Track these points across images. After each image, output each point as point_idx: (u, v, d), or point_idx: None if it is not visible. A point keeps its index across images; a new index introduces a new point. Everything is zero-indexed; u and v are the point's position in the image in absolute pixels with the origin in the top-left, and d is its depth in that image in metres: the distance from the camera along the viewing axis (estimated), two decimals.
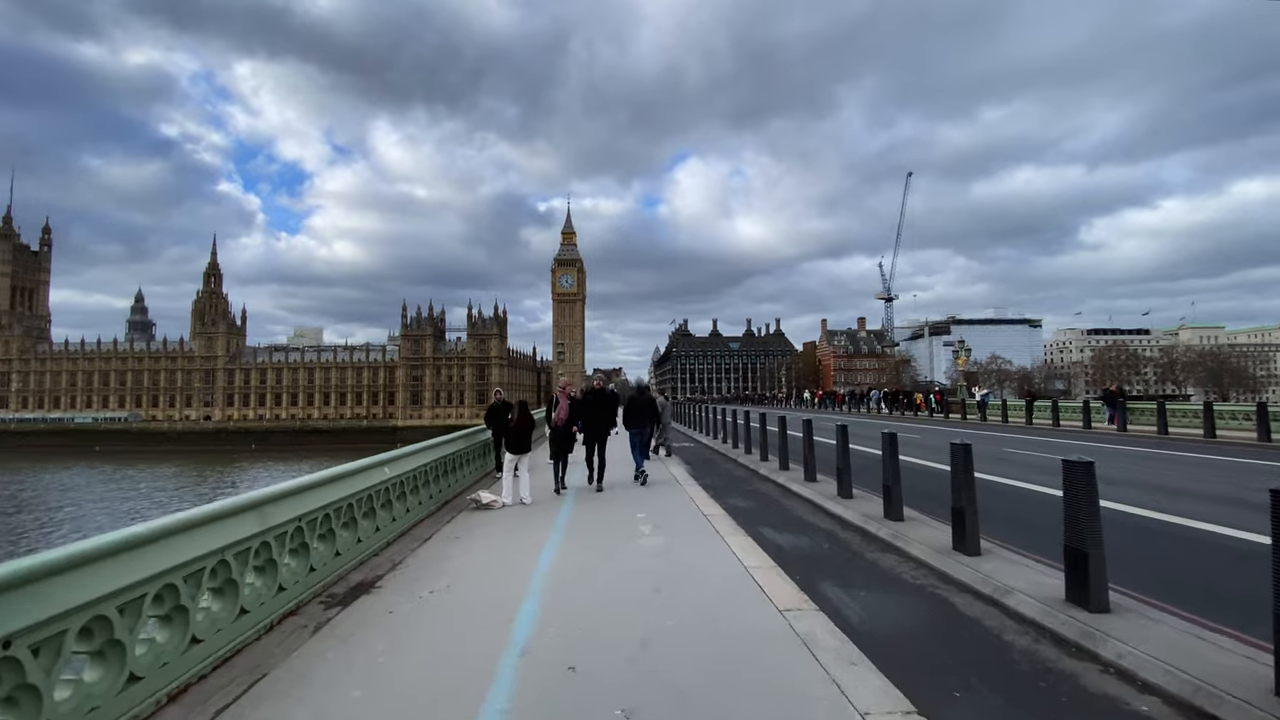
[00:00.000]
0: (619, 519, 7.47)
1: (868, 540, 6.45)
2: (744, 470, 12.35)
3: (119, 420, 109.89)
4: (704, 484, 10.59)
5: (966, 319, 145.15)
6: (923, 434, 20.63)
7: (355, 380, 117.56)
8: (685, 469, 12.59)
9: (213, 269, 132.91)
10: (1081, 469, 4.23)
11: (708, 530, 6.66)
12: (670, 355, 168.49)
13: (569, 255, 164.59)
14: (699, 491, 9.45)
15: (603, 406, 9.79)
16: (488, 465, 12.59)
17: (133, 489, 54.15)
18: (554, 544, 6.25)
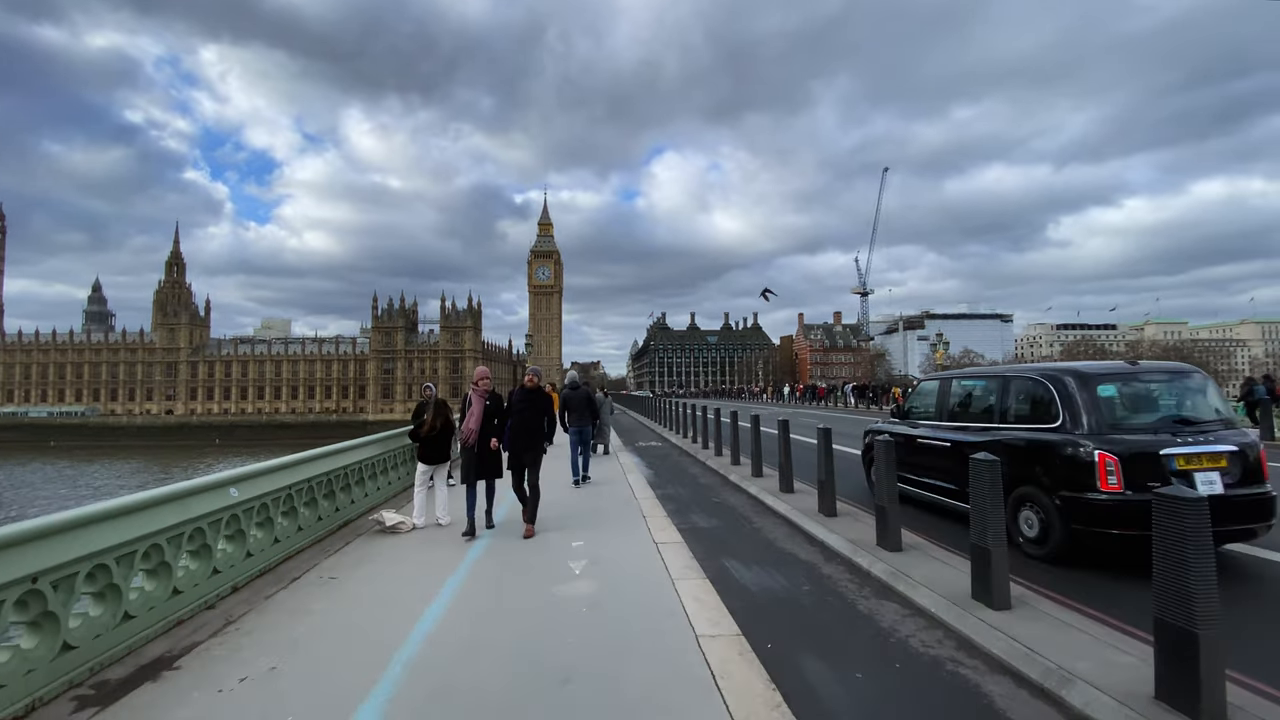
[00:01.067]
0: (549, 548, 6.00)
1: (859, 580, 5.04)
2: (712, 476, 11.05)
3: (76, 414, 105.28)
4: (663, 494, 9.30)
5: (940, 314, 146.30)
6: None
7: (325, 373, 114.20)
8: (645, 474, 11.40)
9: (175, 258, 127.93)
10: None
11: (657, 569, 5.21)
12: (648, 349, 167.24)
13: (546, 247, 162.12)
14: (655, 507, 8.13)
15: (536, 413, 6.83)
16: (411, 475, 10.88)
17: (86, 486, 51.26)
18: (451, 591, 4.73)
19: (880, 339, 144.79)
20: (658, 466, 12.73)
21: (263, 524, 5.54)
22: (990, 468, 4.12)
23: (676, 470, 12.10)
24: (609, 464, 12.74)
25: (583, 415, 10.51)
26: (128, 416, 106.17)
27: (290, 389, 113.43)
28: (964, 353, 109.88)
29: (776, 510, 7.60)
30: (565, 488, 9.95)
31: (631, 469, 11.86)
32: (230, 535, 5.07)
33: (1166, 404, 5.34)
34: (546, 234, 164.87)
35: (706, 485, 10.12)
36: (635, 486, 9.72)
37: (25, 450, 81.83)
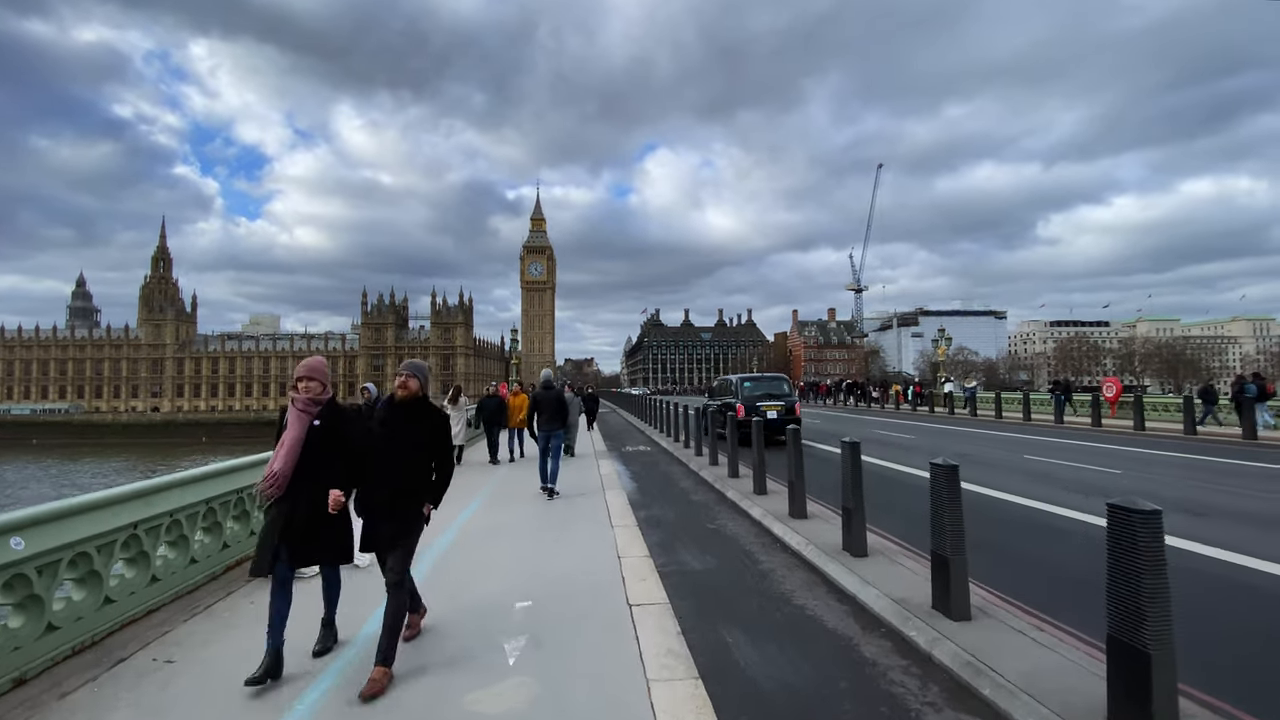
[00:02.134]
0: (485, 611, 4.43)
1: (922, 672, 3.56)
2: (707, 491, 9.59)
3: (59, 411, 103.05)
4: (647, 517, 7.87)
5: (934, 310, 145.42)
6: (917, 434, 18.03)
7: None
8: (627, 488, 10.02)
9: (162, 253, 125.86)
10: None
11: (629, 655, 3.65)
12: (642, 345, 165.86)
13: (538, 242, 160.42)
14: (635, 539, 6.62)
15: (413, 447, 3.77)
16: None
17: (72, 484, 49.47)
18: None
19: (874, 336, 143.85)
20: (643, 478, 11.29)
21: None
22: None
23: (665, 484, 10.59)
24: (586, 471, 11.44)
25: (553, 419, 9.45)
26: (113, 414, 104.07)
27: (278, 385, 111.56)
28: (958, 350, 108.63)
29: (789, 545, 6.07)
30: (531, 498, 9.00)
31: (612, 481, 10.42)
32: None
33: (764, 388, 15.78)
34: (539, 229, 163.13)
35: (700, 504, 8.69)
36: (613, 506, 8.30)
37: (7, 449, 79.78)
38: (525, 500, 8.86)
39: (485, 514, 7.96)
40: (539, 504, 8.64)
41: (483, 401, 13.85)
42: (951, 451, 13.12)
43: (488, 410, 13.49)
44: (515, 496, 9.23)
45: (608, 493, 9.29)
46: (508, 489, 9.86)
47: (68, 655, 3.83)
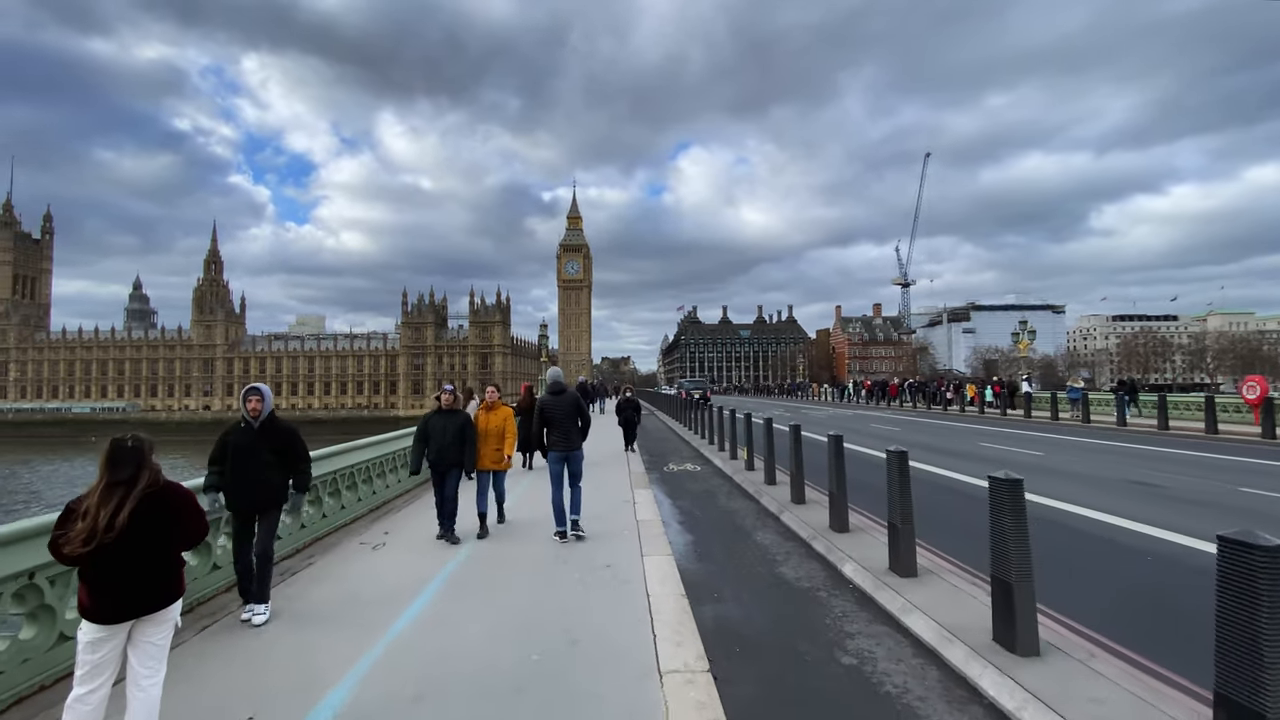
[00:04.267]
0: None
1: None
2: (809, 560, 6.13)
3: (117, 410, 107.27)
4: (717, 621, 4.74)
5: (987, 305, 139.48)
6: (1047, 448, 14.43)
7: (357, 369, 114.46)
8: (677, 547, 6.77)
9: (213, 256, 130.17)
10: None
11: None
12: (679, 343, 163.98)
13: (575, 240, 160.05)
14: (692, 654, 3.98)
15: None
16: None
17: None
18: None
19: (923, 332, 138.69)
20: (699, 527, 7.78)
21: None
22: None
23: (732, 539, 7.07)
24: (615, 508, 8.37)
25: (570, 433, 6.88)
26: (166, 412, 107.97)
27: (323, 384, 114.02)
28: (1013, 346, 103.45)
29: (985, 694, 3.37)
30: (542, 547, 6.56)
31: (654, 533, 7.03)
32: None
33: (694, 386, 48.17)
34: (575, 228, 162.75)
35: (806, 594, 5.23)
36: (654, 583, 5.25)
37: (67, 446, 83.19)
38: (531, 561, 6.15)
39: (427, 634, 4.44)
40: (556, 548, 6.51)
41: (427, 420, 7.13)
42: (1128, 478, 9.92)
43: (435, 436, 6.98)
44: (524, 535, 7.09)
45: (647, 558, 6.02)
46: (513, 530, 7.41)
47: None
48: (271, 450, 4.69)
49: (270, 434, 4.72)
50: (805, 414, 28.67)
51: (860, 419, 25.12)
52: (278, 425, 4.80)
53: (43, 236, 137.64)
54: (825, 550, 6.27)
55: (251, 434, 4.69)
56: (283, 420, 4.88)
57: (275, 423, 4.80)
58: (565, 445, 6.89)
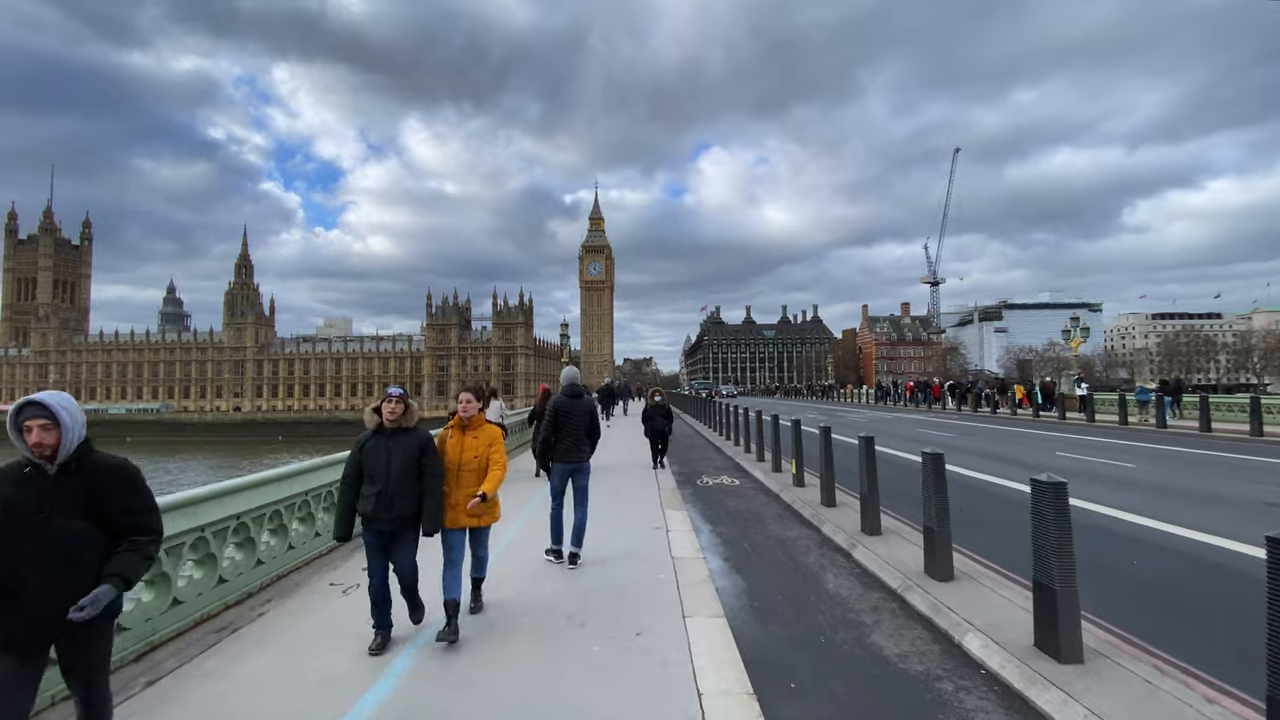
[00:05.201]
0: None
1: None
2: (912, 624, 4.59)
3: (151, 411, 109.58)
4: (788, 702, 3.52)
5: (1020, 303, 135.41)
6: (1135, 459, 12.72)
7: (382, 370, 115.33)
8: (726, 595, 5.23)
9: (244, 261, 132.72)
10: None
11: None
12: (701, 344, 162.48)
13: (597, 241, 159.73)
14: None
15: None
16: None
17: (174, 484, 51.55)
18: None
19: (953, 331, 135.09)
20: (751, 566, 6.14)
21: None
22: None
23: (798, 585, 5.47)
24: (646, 532, 7.07)
25: (580, 443, 6.11)
26: (199, 413, 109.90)
27: (350, 386, 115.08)
28: (1048, 345, 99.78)
29: None
30: (535, 572, 5.64)
31: (696, 577, 5.51)
32: None
33: (724, 389, 68.08)
34: (598, 228, 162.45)
35: (921, 685, 3.68)
36: (705, 666, 3.81)
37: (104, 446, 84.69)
38: (521, 584, 5.29)
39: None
40: (553, 581, 5.39)
41: (361, 447, 4.24)
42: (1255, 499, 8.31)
43: (373, 472, 4.16)
44: (518, 561, 5.95)
45: (693, 618, 4.53)
46: (507, 552, 6.24)
47: None
48: (81, 512, 2.47)
49: (78, 483, 2.48)
50: (843, 418, 27.30)
51: (902, 423, 23.66)
52: (97, 465, 2.55)
53: (82, 243, 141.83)
54: (931, 610, 4.56)
55: (40, 487, 2.43)
56: (105, 456, 2.63)
57: (90, 462, 2.54)
58: (575, 456, 6.08)
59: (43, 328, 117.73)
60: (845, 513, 7.61)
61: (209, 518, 4.74)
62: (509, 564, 5.90)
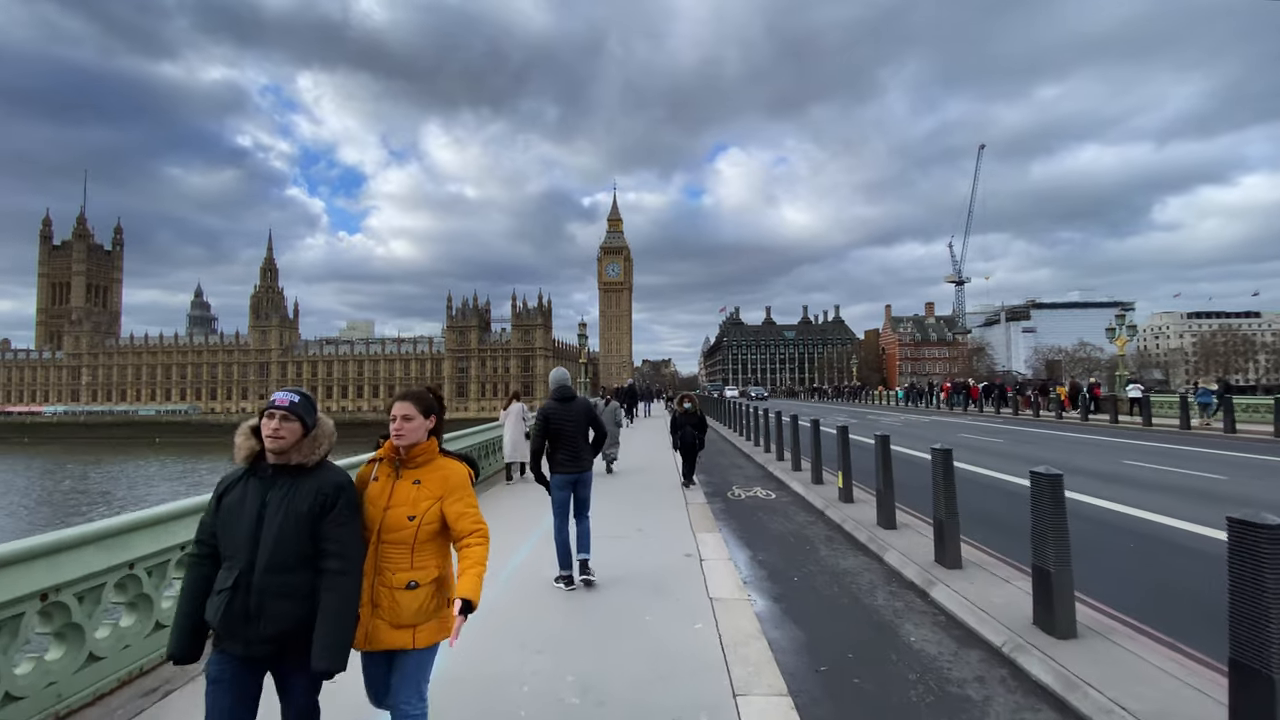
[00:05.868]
0: None
1: None
2: (995, 674, 3.73)
3: (179, 412, 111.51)
4: None
5: (1048, 303, 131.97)
6: (1222, 469, 11.53)
7: (404, 372, 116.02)
8: (783, 654, 4.06)
9: (269, 265, 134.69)
10: None
11: None
12: (721, 345, 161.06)
13: (615, 243, 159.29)
14: None
15: None
16: None
17: (199, 481, 51.94)
18: None
19: (979, 332, 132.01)
20: (807, 610, 5.02)
21: None
22: None
23: (872, 640, 4.38)
24: (680, 575, 5.67)
25: (580, 451, 5.54)
26: (225, 414, 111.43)
27: (371, 387, 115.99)
28: (1078, 345, 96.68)
29: None
30: (543, 602, 4.96)
31: (742, 627, 4.45)
32: None
33: (754, 391, 72.47)
34: (616, 230, 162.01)
35: None
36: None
37: (134, 447, 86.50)
38: (526, 614, 4.66)
39: None
40: (563, 604, 4.88)
41: (222, 492, 2.28)
42: None
43: (231, 544, 2.20)
44: (522, 587, 5.33)
45: (747, 696, 3.40)
46: (504, 575, 5.62)
47: None
48: None
49: None
50: (876, 421, 26.14)
51: (942, 428, 22.43)
52: None
53: (113, 248, 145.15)
54: (1062, 686, 3.39)
55: None
56: None
57: None
58: (575, 466, 5.53)
59: (76, 331, 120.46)
60: (910, 538, 6.60)
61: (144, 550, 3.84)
62: (512, 593, 5.15)
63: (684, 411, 11.41)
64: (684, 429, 11.12)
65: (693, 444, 10.99)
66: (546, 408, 5.56)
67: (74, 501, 41.76)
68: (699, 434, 11.12)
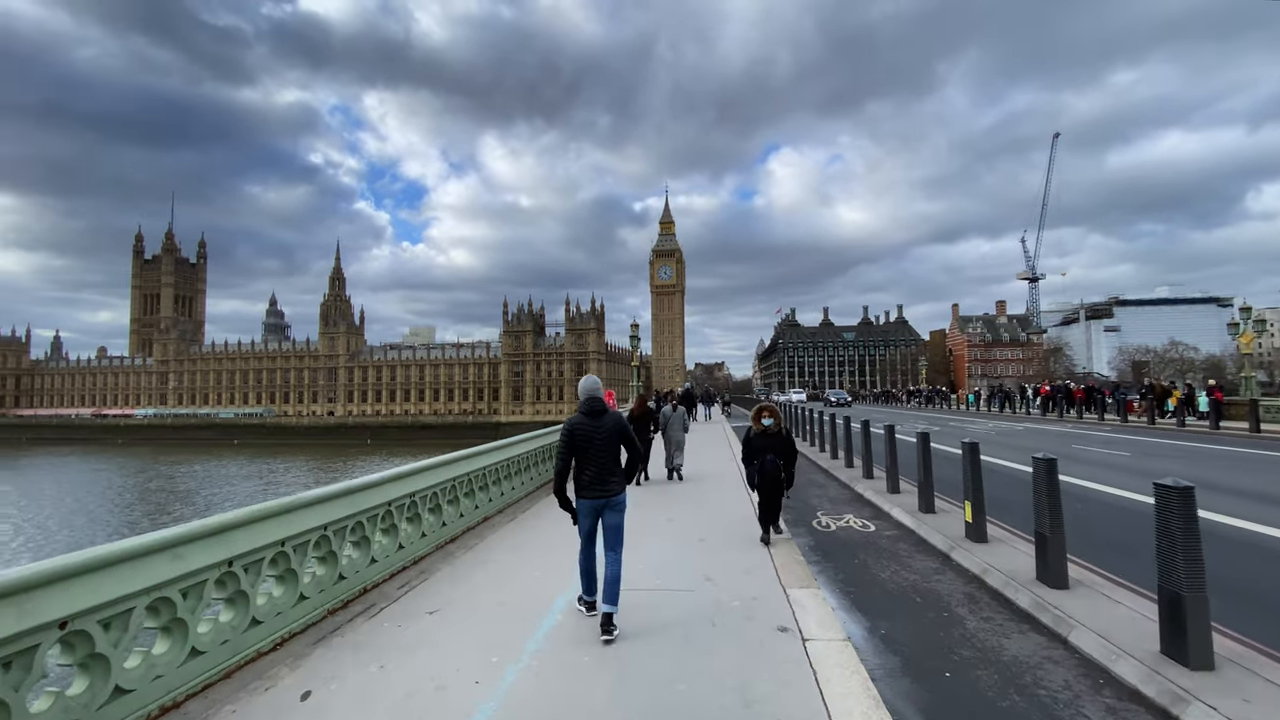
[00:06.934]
0: None
1: None
2: None
3: (256, 415, 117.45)
4: None
5: (1134, 299, 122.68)
6: None
7: (462, 376, 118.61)
8: None
9: (337, 274, 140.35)
10: None
11: None
12: (776, 347, 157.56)
13: (667, 245, 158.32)
14: None
15: None
16: None
17: (278, 481, 54.21)
18: None
19: (1055, 331, 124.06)
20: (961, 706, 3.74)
21: None
22: None
23: None
24: (775, 674, 3.81)
25: (609, 473, 4.79)
26: (296, 417, 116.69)
27: (432, 391, 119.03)
28: (1169, 344, 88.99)
29: None
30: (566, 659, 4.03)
31: None
32: None
33: (833, 395, 59.29)
34: (668, 232, 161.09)
35: None
36: None
37: (216, 448, 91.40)
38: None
39: None
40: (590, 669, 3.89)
41: None
42: None
43: None
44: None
45: None
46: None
47: None
48: None
49: None
50: (960, 429, 24.12)
51: (1047, 437, 20.33)
52: None
53: (198, 261, 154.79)
54: None
55: None
56: None
57: None
58: (600, 490, 4.74)
59: (164, 339, 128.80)
60: (1097, 605, 4.80)
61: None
62: (533, 683, 3.80)
63: (762, 431, 7.46)
64: (764, 457, 7.32)
65: (776, 479, 7.24)
66: (572, 422, 4.84)
67: (160, 500, 44.08)
68: (786, 465, 7.34)
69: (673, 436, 12.56)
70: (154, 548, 3.51)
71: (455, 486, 7.70)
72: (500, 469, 9.40)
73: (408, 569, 6.16)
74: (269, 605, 4.40)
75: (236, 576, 4.13)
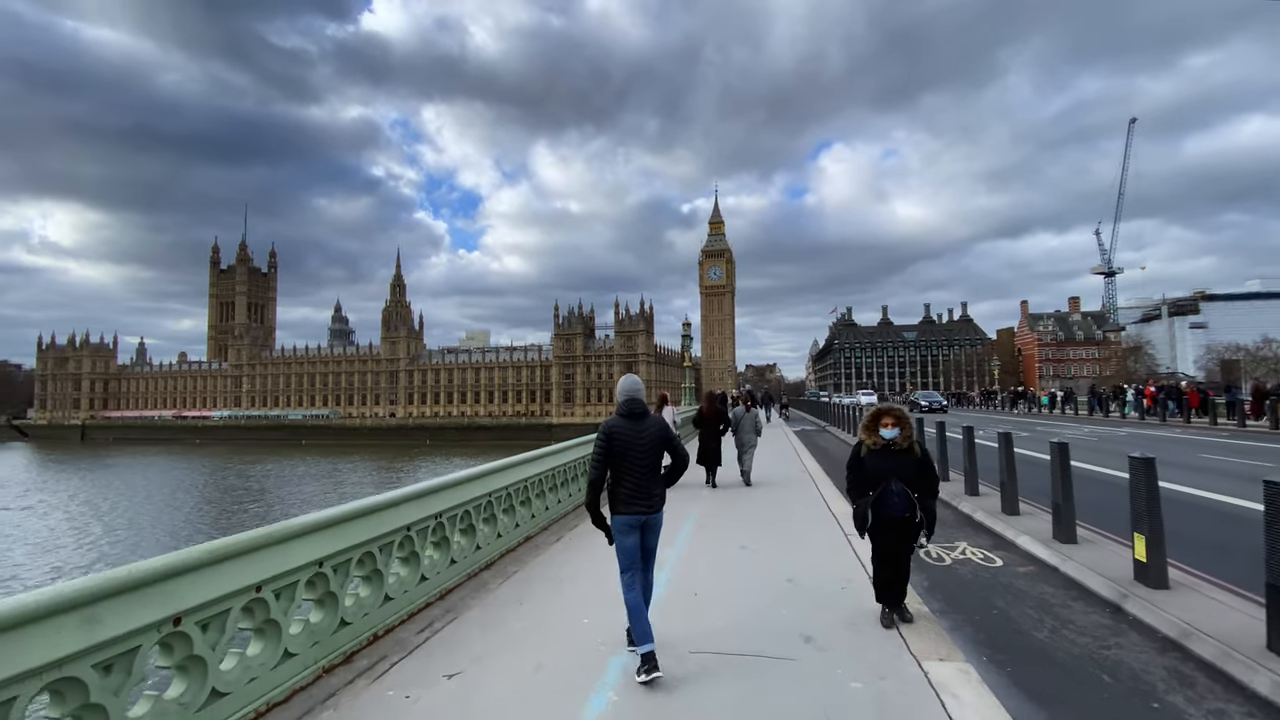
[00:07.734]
0: None
1: None
2: None
3: (321, 416, 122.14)
4: None
5: (1221, 294, 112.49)
6: None
7: (515, 379, 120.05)
8: None
9: (397, 281, 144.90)
10: None
11: None
12: (831, 348, 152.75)
13: (717, 246, 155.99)
14: None
15: None
16: None
17: (342, 480, 55.67)
18: None
19: (1134, 329, 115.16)
20: None
21: None
22: None
23: None
24: None
25: (646, 483, 4.11)
26: (360, 419, 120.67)
27: (487, 393, 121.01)
28: (1263, 341, 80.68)
29: None
30: None
31: None
32: None
33: (923, 398, 46.91)
34: (718, 233, 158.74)
35: None
36: None
37: (285, 448, 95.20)
38: None
39: None
40: None
41: None
42: None
43: None
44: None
45: None
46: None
47: None
48: None
49: None
50: (1048, 433, 21.76)
51: (1161, 444, 17.81)
52: None
53: (269, 270, 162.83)
54: None
55: None
56: None
57: None
58: (643, 504, 4.11)
59: (238, 345, 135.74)
60: None
61: None
62: None
63: (883, 447, 4.80)
64: (885, 485, 4.68)
65: (908, 524, 4.66)
66: (610, 425, 4.18)
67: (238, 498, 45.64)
68: (922, 498, 4.68)
69: (744, 439, 11.94)
70: (257, 544, 3.49)
71: (492, 503, 6.64)
72: (545, 479, 8.37)
73: (432, 605, 5.11)
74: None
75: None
